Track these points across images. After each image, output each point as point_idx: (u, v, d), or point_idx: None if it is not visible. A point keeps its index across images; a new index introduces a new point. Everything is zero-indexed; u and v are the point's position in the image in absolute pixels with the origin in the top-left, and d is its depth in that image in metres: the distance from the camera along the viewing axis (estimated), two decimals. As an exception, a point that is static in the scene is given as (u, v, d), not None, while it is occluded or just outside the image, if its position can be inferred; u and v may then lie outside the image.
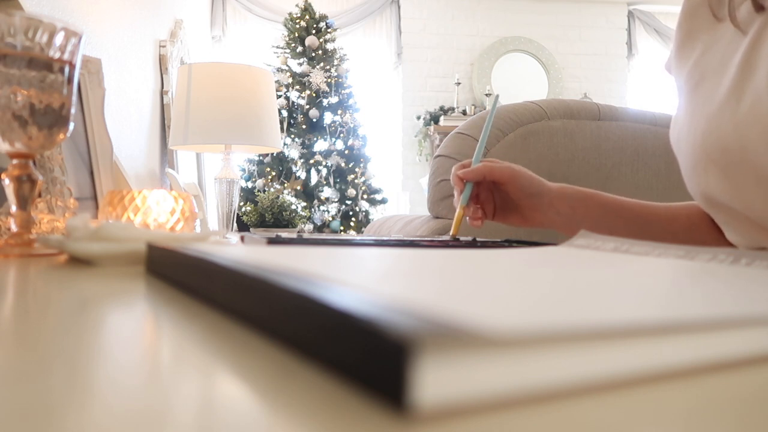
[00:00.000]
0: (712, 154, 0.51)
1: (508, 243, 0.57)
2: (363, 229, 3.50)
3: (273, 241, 0.52)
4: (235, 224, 1.86)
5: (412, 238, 0.65)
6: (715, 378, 0.15)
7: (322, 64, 3.64)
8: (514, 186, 0.69)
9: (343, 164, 3.60)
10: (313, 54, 3.68)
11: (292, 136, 3.59)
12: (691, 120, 0.55)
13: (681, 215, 0.69)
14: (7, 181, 0.52)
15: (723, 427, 0.12)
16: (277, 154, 3.50)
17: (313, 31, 3.72)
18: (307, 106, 3.60)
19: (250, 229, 2.76)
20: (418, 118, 4.46)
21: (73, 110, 0.55)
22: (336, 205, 3.57)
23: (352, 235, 3.17)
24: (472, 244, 0.56)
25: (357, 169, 3.62)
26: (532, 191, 0.69)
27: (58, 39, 0.51)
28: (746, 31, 0.52)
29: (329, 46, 3.74)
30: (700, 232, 0.67)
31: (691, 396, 0.14)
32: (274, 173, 3.54)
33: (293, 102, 3.62)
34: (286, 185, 3.47)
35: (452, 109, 4.42)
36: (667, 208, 0.70)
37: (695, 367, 0.16)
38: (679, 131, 0.58)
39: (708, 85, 0.54)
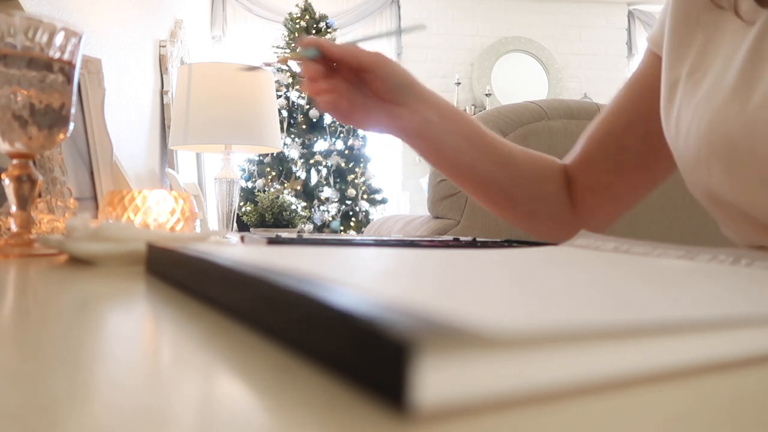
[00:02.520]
0: (717, 150, 0.50)
1: (508, 243, 0.57)
2: (363, 229, 3.50)
3: (273, 241, 0.52)
4: (235, 224, 1.86)
5: (412, 238, 0.65)
6: (715, 378, 0.15)
7: (322, 64, 3.64)
8: (379, 74, 0.59)
9: (343, 164, 3.60)
10: (313, 54, 3.68)
11: (292, 136, 3.59)
12: (694, 114, 0.53)
13: (548, 177, 0.69)
14: (7, 181, 0.52)
15: (723, 427, 0.12)
16: (277, 154, 3.50)
17: (313, 31, 3.72)
18: (307, 106, 3.60)
19: (250, 229, 2.76)
20: (419, 118, 4.46)
21: (73, 110, 0.54)
22: (336, 205, 3.57)
23: (352, 235, 3.17)
24: (472, 244, 0.56)
25: (357, 169, 3.62)
26: (399, 81, 0.60)
27: (58, 39, 0.51)
28: (752, 21, 0.50)
29: (329, 46, 3.74)
30: (559, 201, 0.68)
31: (691, 396, 0.14)
32: (274, 173, 3.54)
33: (293, 102, 3.62)
34: (286, 185, 3.47)
35: (452, 109, 4.42)
36: (536, 164, 0.69)
37: (695, 367, 0.16)
38: (678, 126, 0.56)
39: (711, 78, 0.52)
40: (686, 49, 0.57)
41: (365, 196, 3.62)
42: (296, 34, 3.70)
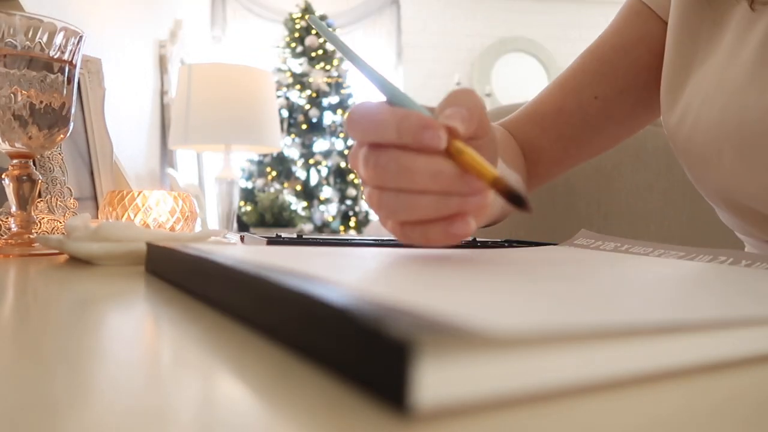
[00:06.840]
0: (731, 138, 0.48)
1: (508, 243, 0.57)
2: (363, 229, 3.50)
3: (273, 241, 0.52)
4: (235, 224, 1.87)
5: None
6: (715, 378, 0.15)
7: (322, 64, 3.64)
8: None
9: (343, 164, 3.60)
10: (313, 54, 3.68)
11: (292, 136, 3.59)
12: (702, 102, 0.51)
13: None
14: (7, 181, 0.52)
15: (723, 427, 0.12)
16: (277, 154, 3.49)
17: (313, 31, 3.72)
18: (307, 106, 3.60)
19: (250, 229, 2.76)
20: (418, 118, 4.46)
21: (73, 110, 0.54)
22: (336, 205, 3.57)
23: (352, 235, 3.17)
24: (472, 244, 0.56)
25: (357, 169, 3.62)
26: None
27: (58, 39, 0.51)
28: (764, 10, 0.48)
29: (329, 46, 3.74)
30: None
31: (691, 396, 0.14)
32: (274, 173, 3.54)
33: (293, 102, 3.62)
34: (286, 185, 3.47)
35: (452, 110, 4.42)
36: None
37: (695, 367, 0.16)
38: (684, 114, 0.54)
39: (718, 63, 0.51)
40: (696, 36, 0.55)
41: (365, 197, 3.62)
42: (296, 35, 3.70)
